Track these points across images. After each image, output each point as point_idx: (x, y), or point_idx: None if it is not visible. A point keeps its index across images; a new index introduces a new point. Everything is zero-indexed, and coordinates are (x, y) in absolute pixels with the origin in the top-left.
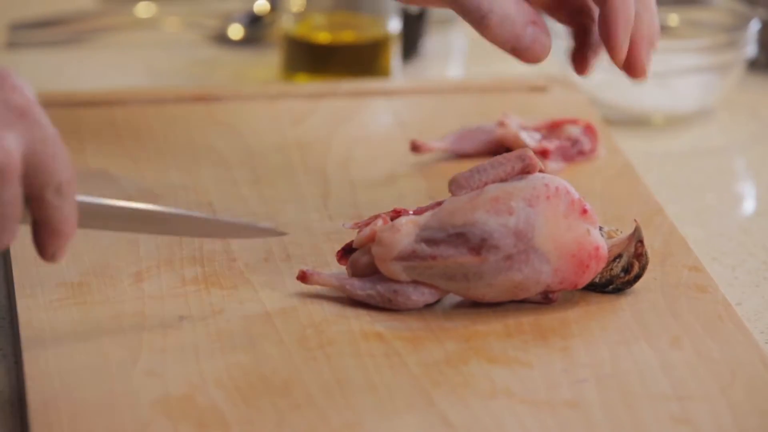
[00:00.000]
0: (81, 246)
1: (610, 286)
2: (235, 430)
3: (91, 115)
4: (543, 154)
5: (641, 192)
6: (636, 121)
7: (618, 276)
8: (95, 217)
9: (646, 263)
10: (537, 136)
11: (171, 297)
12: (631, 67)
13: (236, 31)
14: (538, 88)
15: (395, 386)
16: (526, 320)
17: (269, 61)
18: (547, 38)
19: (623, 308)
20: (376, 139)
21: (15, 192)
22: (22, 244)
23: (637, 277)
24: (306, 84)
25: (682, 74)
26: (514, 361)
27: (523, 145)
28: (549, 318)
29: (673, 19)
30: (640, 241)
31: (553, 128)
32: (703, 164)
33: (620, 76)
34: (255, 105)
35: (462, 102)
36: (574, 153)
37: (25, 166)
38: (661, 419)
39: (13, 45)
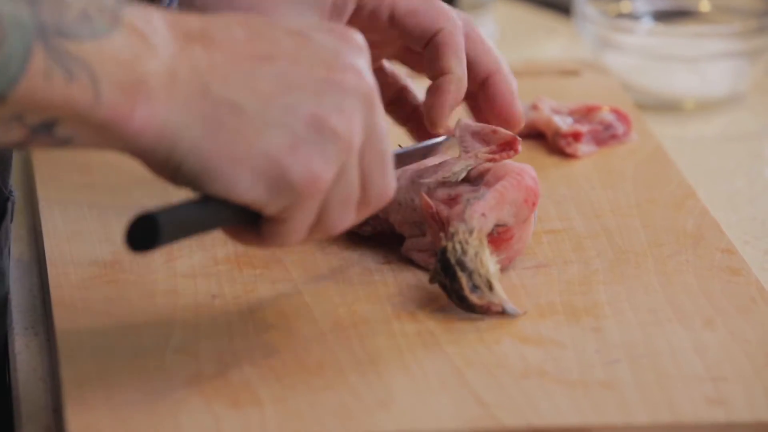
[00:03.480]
0: (113, 224)
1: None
2: (269, 408)
3: None
4: (575, 137)
5: (673, 175)
6: (667, 106)
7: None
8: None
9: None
10: (569, 119)
11: (203, 276)
12: (514, 122)
13: None
14: (570, 72)
15: (428, 365)
16: (559, 301)
17: None
18: None
19: (656, 290)
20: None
21: (355, 173)
22: (54, 222)
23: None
24: None
25: (713, 59)
26: (547, 341)
27: (556, 128)
28: (581, 299)
29: (705, 4)
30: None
31: (586, 113)
32: (734, 149)
33: (652, 61)
34: None
35: None
36: (607, 137)
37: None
38: (695, 400)
39: None
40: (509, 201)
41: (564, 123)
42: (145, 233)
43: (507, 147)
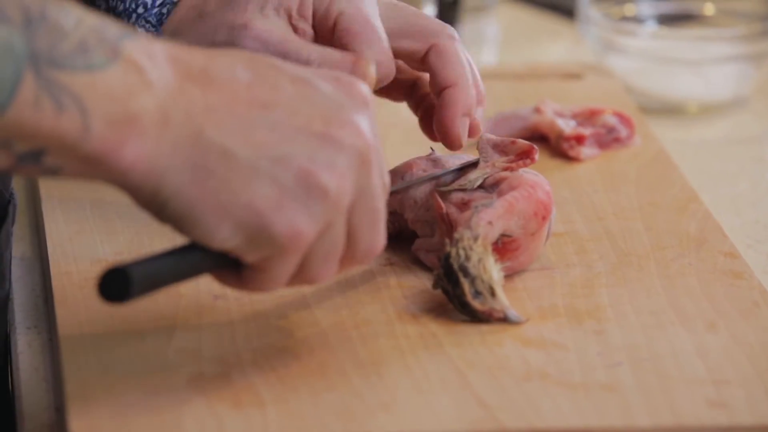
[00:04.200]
0: (116, 224)
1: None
2: (271, 409)
3: None
4: (578, 140)
5: (676, 179)
6: (671, 110)
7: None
8: None
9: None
10: (572, 123)
11: (206, 277)
12: (450, 141)
13: None
14: (573, 76)
15: (430, 367)
16: (561, 303)
17: None
18: None
19: (658, 293)
20: (409, 124)
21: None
22: (56, 221)
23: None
24: None
25: (717, 63)
26: (550, 344)
27: (559, 131)
28: (583, 302)
29: (709, 8)
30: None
31: (589, 116)
32: (737, 152)
33: (656, 65)
34: None
35: (497, 88)
36: (610, 140)
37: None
38: (697, 403)
39: None
40: (518, 212)
41: (567, 126)
42: (118, 286)
43: (524, 156)
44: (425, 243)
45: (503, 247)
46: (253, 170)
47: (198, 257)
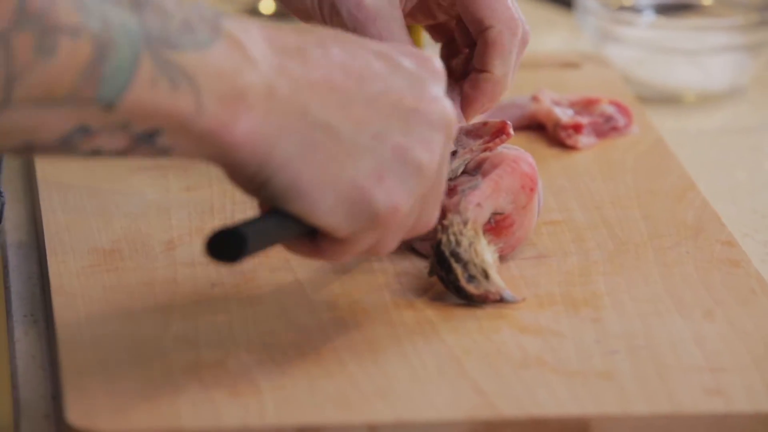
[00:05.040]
0: (112, 212)
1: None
2: (268, 396)
3: None
4: (576, 128)
5: (673, 167)
6: (668, 99)
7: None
8: None
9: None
10: (569, 111)
11: (202, 264)
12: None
13: (268, 6)
14: (571, 65)
15: (426, 354)
16: (558, 291)
17: None
18: None
19: (655, 281)
20: None
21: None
22: (53, 209)
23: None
24: None
25: (714, 52)
26: (546, 331)
27: (556, 120)
28: (581, 290)
29: None
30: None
31: (587, 105)
32: (734, 142)
33: (653, 54)
34: None
35: None
36: (607, 129)
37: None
38: (694, 391)
39: None
40: (505, 188)
41: (565, 115)
42: (230, 247)
43: (499, 133)
44: None
45: (497, 225)
46: (355, 146)
47: (287, 222)
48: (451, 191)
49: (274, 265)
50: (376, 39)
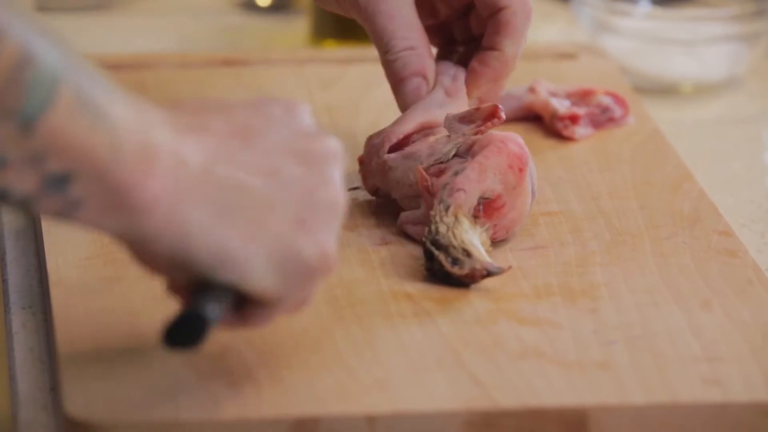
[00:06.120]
0: None
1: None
2: (266, 387)
3: (120, 79)
4: (572, 119)
5: (670, 158)
6: (665, 90)
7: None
8: None
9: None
10: (566, 102)
11: None
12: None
13: None
14: (567, 56)
15: (425, 345)
16: (556, 282)
17: (298, 27)
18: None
19: (652, 271)
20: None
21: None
22: None
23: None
24: (335, 49)
25: (711, 43)
26: (544, 322)
27: (553, 111)
28: (578, 280)
29: None
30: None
31: (583, 96)
32: (731, 132)
33: (650, 45)
34: (283, 70)
35: None
36: (604, 120)
37: None
38: (692, 381)
39: (42, 9)
40: (492, 168)
41: (561, 106)
42: (190, 332)
43: (490, 117)
44: (411, 216)
45: (487, 207)
46: (268, 198)
47: (219, 295)
48: (442, 173)
49: None
50: (385, 17)
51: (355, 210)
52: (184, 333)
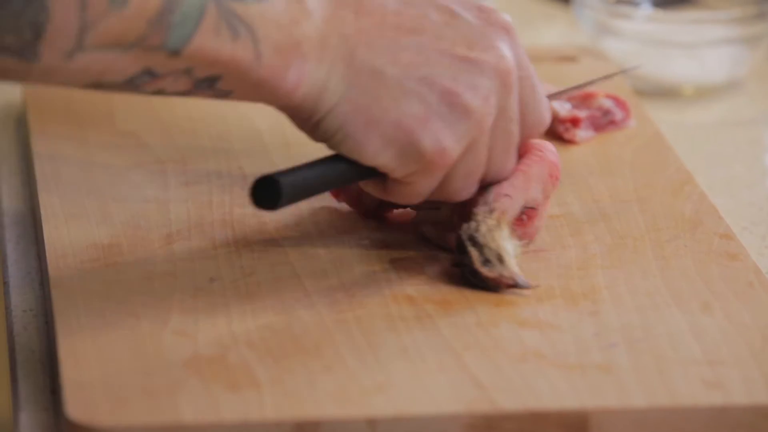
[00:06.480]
0: (111, 208)
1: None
2: (267, 390)
3: None
4: (573, 122)
5: (671, 161)
6: (666, 92)
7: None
8: None
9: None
10: (567, 105)
11: (201, 259)
12: None
13: None
14: (568, 58)
15: (426, 348)
16: (557, 285)
17: None
18: None
19: (654, 274)
20: None
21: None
22: (52, 204)
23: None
24: None
25: (712, 45)
26: (545, 325)
27: (554, 114)
28: (579, 283)
29: None
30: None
31: (584, 99)
32: (732, 135)
33: (651, 47)
34: None
35: None
36: (605, 123)
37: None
38: (693, 383)
39: None
40: (535, 177)
41: (562, 108)
42: (269, 194)
43: None
44: (429, 216)
45: (528, 217)
46: (401, 89)
47: (344, 167)
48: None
49: (274, 260)
50: None
51: (355, 212)
52: (261, 194)
